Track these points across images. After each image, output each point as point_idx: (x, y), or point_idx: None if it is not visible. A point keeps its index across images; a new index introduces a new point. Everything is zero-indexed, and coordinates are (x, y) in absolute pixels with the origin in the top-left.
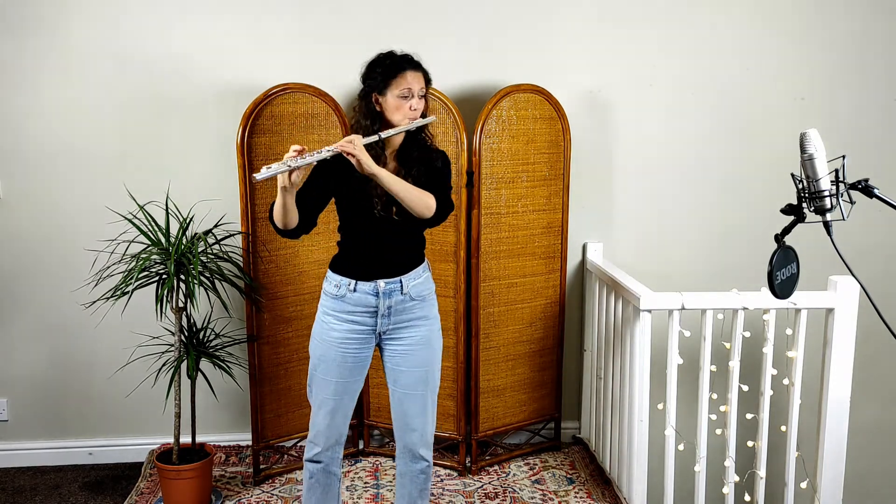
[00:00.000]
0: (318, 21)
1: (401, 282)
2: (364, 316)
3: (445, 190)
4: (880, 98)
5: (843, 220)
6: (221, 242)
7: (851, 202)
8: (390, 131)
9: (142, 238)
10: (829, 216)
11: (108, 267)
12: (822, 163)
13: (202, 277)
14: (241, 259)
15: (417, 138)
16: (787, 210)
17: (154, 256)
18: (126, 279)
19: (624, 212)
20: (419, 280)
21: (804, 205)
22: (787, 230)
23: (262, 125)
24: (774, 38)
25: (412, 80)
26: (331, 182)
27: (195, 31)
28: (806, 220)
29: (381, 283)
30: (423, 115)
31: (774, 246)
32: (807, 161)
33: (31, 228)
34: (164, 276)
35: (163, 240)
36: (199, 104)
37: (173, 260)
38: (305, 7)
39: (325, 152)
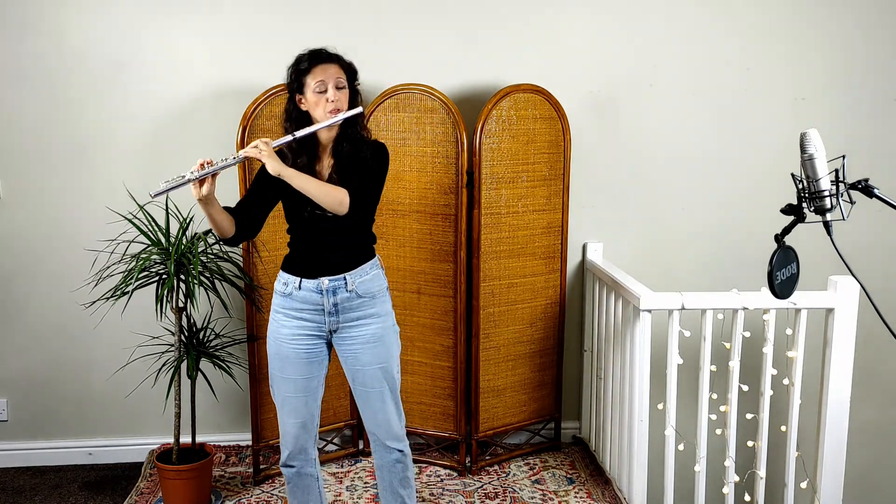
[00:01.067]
0: (317, 21)
1: (345, 279)
2: (311, 313)
3: (363, 182)
4: (880, 98)
5: (843, 220)
6: (221, 242)
7: (851, 202)
8: (304, 130)
9: (142, 238)
10: (829, 216)
11: (108, 267)
12: (822, 163)
13: (202, 277)
14: (241, 259)
15: (348, 132)
16: (787, 210)
17: (154, 256)
18: (126, 279)
19: (624, 212)
20: (366, 277)
21: (804, 205)
22: (787, 230)
23: (262, 125)
24: (774, 39)
25: (325, 73)
26: (270, 186)
27: (195, 31)
28: (806, 220)
29: (325, 280)
30: (354, 107)
31: (774, 246)
32: (807, 161)
33: (31, 228)
34: (164, 276)
35: (163, 240)
36: (199, 104)
37: (173, 260)
38: (305, 7)
39: (232, 160)
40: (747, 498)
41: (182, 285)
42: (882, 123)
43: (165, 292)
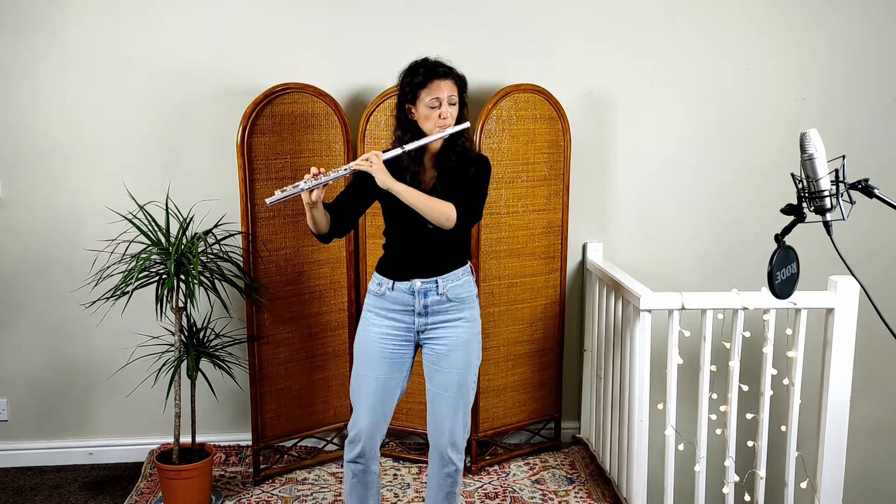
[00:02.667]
0: (318, 21)
1: (437, 282)
2: (402, 314)
3: (470, 198)
4: (880, 98)
5: (843, 219)
6: (221, 242)
7: (851, 202)
8: (413, 144)
9: (142, 238)
10: (829, 216)
11: (109, 267)
12: (822, 163)
13: (202, 277)
14: (241, 259)
15: (455, 144)
16: (787, 210)
17: (154, 256)
18: (126, 279)
19: (624, 212)
20: (457, 282)
21: (804, 205)
22: (787, 230)
23: (262, 125)
24: (774, 38)
25: (440, 89)
26: (370, 189)
27: (195, 31)
28: (806, 220)
29: (417, 282)
30: (461, 120)
31: (774, 246)
32: (807, 161)
33: (31, 228)
34: (164, 276)
35: (163, 240)
36: (199, 104)
37: (173, 260)
38: (305, 7)
39: (342, 171)
40: (747, 498)
41: (182, 285)
42: (882, 123)
43: (165, 292)
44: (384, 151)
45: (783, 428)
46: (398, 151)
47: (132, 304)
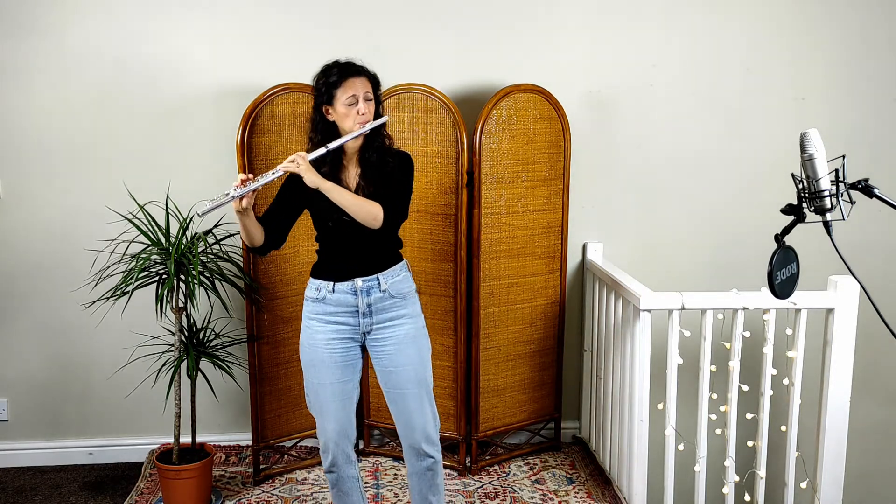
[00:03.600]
0: (317, 21)
1: (378, 279)
2: (346, 316)
3: (395, 197)
4: (880, 98)
5: (843, 219)
6: (221, 242)
7: (851, 202)
8: (336, 142)
9: (142, 238)
10: (829, 216)
11: (108, 267)
12: (822, 163)
13: (202, 277)
14: (241, 259)
15: (374, 142)
16: (787, 210)
17: (154, 256)
18: (126, 279)
19: (624, 212)
20: (397, 278)
21: (804, 205)
22: (787, 230)
23: (262, 125)
24: (774, 39)
25: (355, 87)
26: (297, 197)
27: (195, 31)
28: (806, 220)
29: (359, 281)
30: (378, 116)
31: (774, 246)
32: (807, 161)
33: (31, 228)
34: (164, 276)
35: (163, 240)
36: (198, 104)
37: (173, 260)
38: (305, 7)
39: (271, 175)
40: (747, 498)
41: (182, 285)
42: (882, 123)
43: (165, 292)
44: (308, 152)
45: (783, 428)
46: (322, 151)
47: (132, 304)
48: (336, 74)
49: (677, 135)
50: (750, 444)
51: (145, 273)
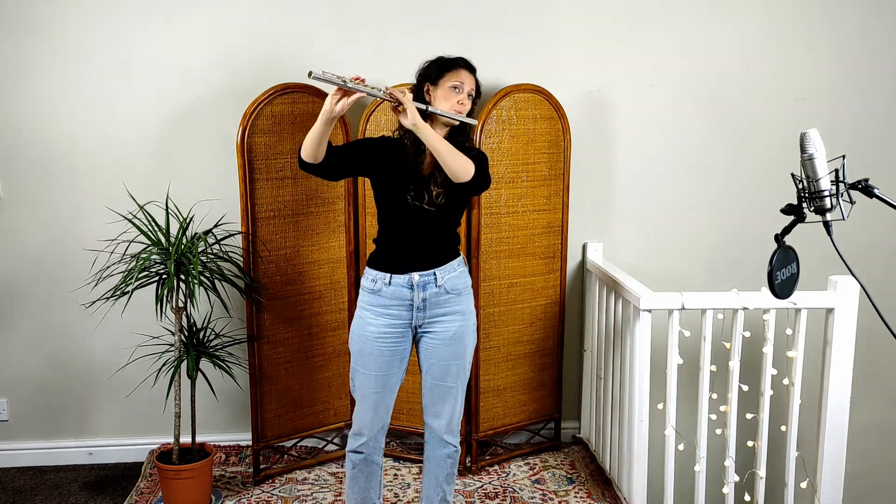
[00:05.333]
0: (317, 21)
1: (435, 274)
2: (400, 309)
3: (482, 165)
4: (880, 98)
5: (843, 219)
6: (221, 242)
7: (851, 202)
8: (439, 110)
9: (142, 238)
10: (829, 216)
11: (108, 267)
12: (822, 163)
13: (202, 277)
14: (241, 259)
15: (457, 138)
16: (787, 210)
17: (154, 256)
18: (126, 279)
19: (624, 212)
20: (454, 273)
21: (804, 205)
22: (787, 230)
23: (262, 125)
24: (774, 38)
25: (465, 77)
26: (368, 159)
27: (195, 31)
28: (806, 220)
29: (416, 275)
30: (472, 117)
31: (774, 246)
32: (807, 161)
33: (31, 228)
34: (164, 276)
35: (163, 240)
36: (199, 104)
37: (173, 260)
38: (305, 7)
39: (380, 92)
40: (747, 498)
41: (182, 285)
42: (882, 123)
43: (165, 292)
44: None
45: (783, 428)
46: (423, 107)
47: (132, 304)
48: (451, 60)
49: (677, 134)
50: (750, 444)
51: (145, 273)
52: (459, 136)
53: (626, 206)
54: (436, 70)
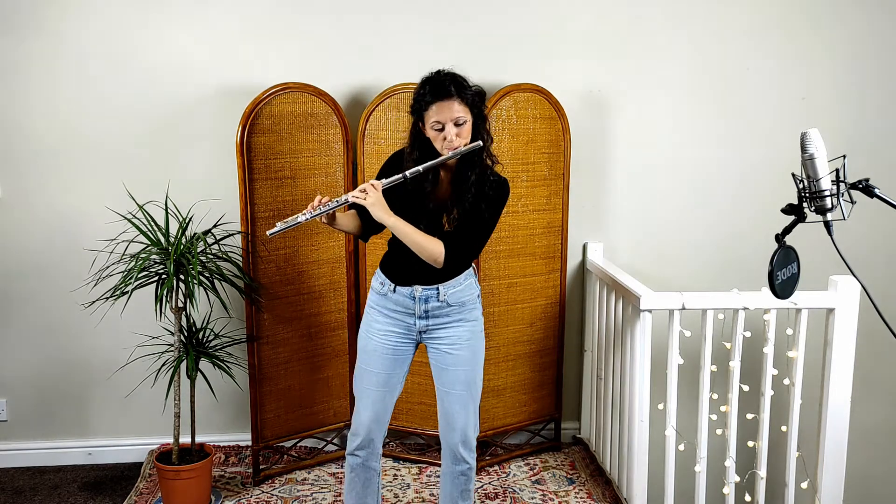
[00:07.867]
0: (317, 21)
1: (437, 289)
2: (403, 315)
3: (470, 237)
4: (881, 98)
5: (844, 219)
6: (221, 242)
7: (852, 202)
8: (414, 170)
9: (141, 238)
10: (829, 216)
11: (108, 267)
12: (823, 163)
13: (202, 277)
14: (240, 259)
15: (473, 161)
16: (788, 210)
17: (153, 256)
18: (126, 279)
19: (624, 212)
20: (458, 288)
21: (805, 204)
22: (787, 230)
23: (261, 125)
24: (775, 38)
25: (441, 114)
26: (388, 200)
27: (195, 31)
28: (806, 220)
29: (419, 288)
30: (476, 136)
31: (775, 246)
32: (807, 161)
33: (31, 228)
34: (164, 276)
35: (162, 240)
36: (198, 104)
37: (173, 260)
38: (305, 6)
39: (338, 202)
40: (748, 498)
41: (182, 285)
42: (883, 123)
43: (165, 292)
44: (406, 168)
45: (783, 428)
46: (399, 178)
47: (132, 304)
48: (428, 94)
49: (677, 134)
50: (750, 444)
51: (145, 273)
52: (468, 170)
53: (626, 205)
54: (416, 108)
